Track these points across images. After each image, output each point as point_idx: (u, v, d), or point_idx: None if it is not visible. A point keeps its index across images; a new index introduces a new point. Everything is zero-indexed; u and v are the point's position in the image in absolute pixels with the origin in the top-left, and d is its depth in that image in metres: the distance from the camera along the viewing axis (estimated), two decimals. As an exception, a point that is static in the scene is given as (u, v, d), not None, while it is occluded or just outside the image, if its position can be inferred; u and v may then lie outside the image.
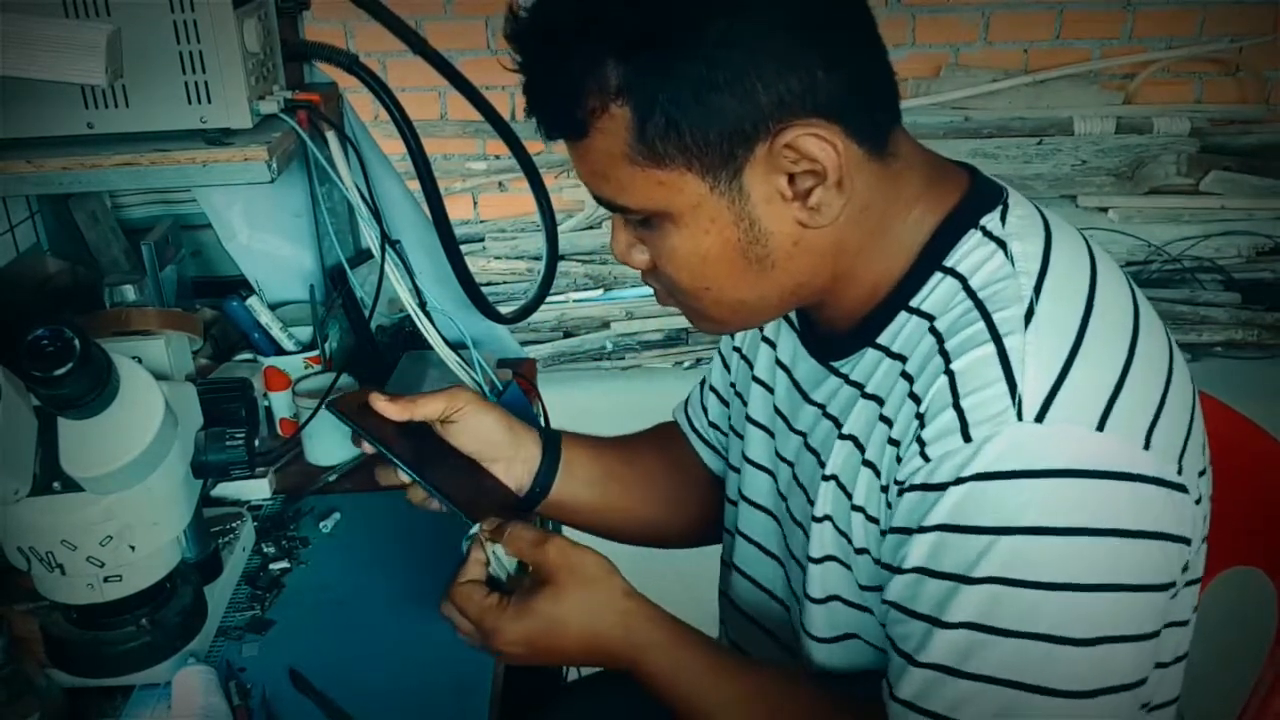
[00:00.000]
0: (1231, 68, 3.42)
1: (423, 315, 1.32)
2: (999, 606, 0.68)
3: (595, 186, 0.76)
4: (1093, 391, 0.69)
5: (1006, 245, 0.75)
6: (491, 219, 3.45)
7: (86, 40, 0.90)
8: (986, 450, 0.67)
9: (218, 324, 1.47)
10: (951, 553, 0.69)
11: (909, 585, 0.72)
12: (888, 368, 0.77)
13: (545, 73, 0.73)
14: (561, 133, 0.75)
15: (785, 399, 0.92)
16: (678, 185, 0.72)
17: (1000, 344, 0.70)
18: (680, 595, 2.40)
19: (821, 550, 0.83)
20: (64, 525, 0.87)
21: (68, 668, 0.95)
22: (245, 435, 0.99)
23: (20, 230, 1.42)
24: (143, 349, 1.21)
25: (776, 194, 0.73)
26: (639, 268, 0.81)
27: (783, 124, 0.70)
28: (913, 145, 0.79)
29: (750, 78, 0.68)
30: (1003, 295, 0.72)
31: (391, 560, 1.16)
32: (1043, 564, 0.67)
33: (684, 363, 3.32)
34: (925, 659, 0.71)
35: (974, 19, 3.33)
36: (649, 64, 0.68)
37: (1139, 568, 0.69)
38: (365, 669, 1.00)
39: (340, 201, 1.46)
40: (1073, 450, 0.67)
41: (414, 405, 0.96)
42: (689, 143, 0.70)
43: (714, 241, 0.74)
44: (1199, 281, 3.35)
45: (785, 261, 0.76)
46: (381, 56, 3.05)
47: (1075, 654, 0.68)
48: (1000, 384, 0.69)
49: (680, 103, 0.68)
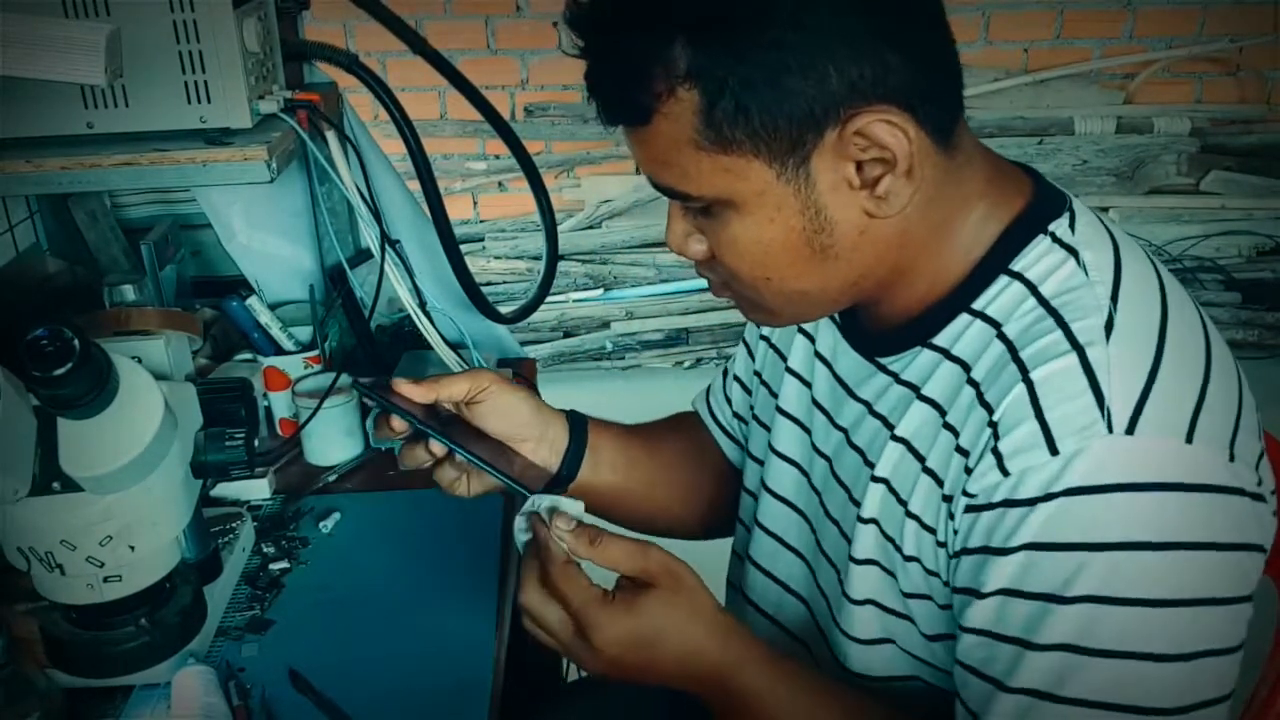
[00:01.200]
0: (1232, 68, 3.42)
1: (423, 315, 1.32)
2: (1096, 626, 0.66)
3: (656, 174, 0.74)
4: (1178, 402, 0.68)
5: (1078, 253, 0.73)
6: (491, 219, 3.45)
7: (86, 40, 0.90)
8: (1077, 464, 0.66)
9: (218, 324, 1.47)
10: (1042, 572, 0.67)
11: (995, 608, 0.70)
12: (948, 372, 0.76)
13: (610, 57, 0.71)
14: (626, 118, 0.73)
15: (827, 393, 0.90)
16: (743, 171, 0.70)
17: (1083, 354, 0.68)
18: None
19: (865, 553, 0.81)
20: (64, 525, 0.87)
21: (68, 668, 0.95)
22: (245, 435, 0.99)
23: (20, 230, 1.42)
24: (143, 349, 1.21)
25: (844, 182, 0.71)
26: (695, 258, 0.79)
27: (854, 109, 0.68)
28: (975, 140, 0.77)
29: (822, 61, 0.66)
30: (1079, 304, 0.71)
31: (391, 560, 1.16)
32: (1139, 580, 0.65)
33: (684, 363, 3.32)
34: (1017, 684, 0.69)
35: (974, 19, 3.33)
36: (719, 46, 0.66)
37: (1230, 580, 0.68)
38: (365, 669, 1.00)
39: (340, 201, 1.46)
40: (1165, 463, 0.66)
41: (438, 385, 0.92)
42: (757, 127, 0.68)
43: (778, 230, 0.72)
44: (1199, 281, 3.35)
45: (850, 252, 0.74)
46: (381, 56, 3.05)
47: (1171, 670, 0.67)
48: (1087, 395, 0.67)
49: (751, 86, 0.67)
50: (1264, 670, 0.93)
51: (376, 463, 1.35)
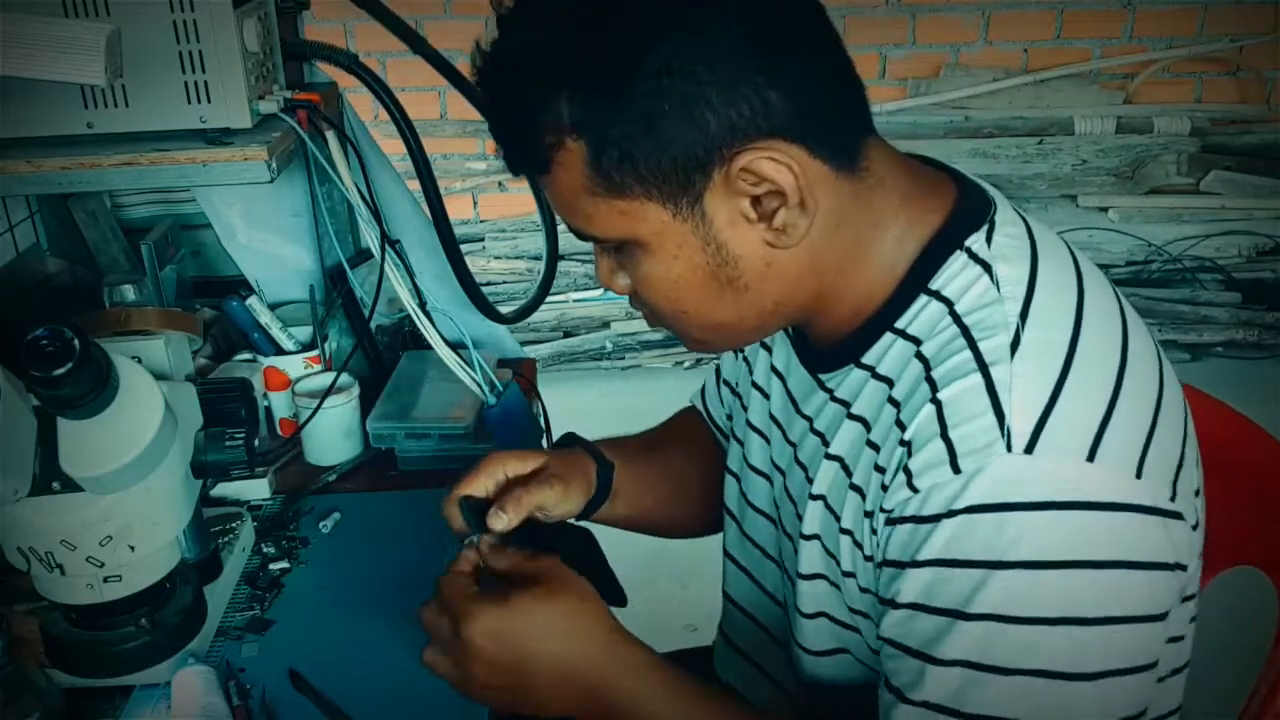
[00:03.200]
0: (1232, 67, 3.42)
1: (423, 315, 1.32)
2: (995, 643, 0.67)
3: (565, 218, 0.77)
4: (1082, 421, 0.68)
5: (992, 269, 0.74)
6: (491, 219, 3.45)
7: (86, 40, 0.90)
8: (976, 483, 0.67)
9: (218, 324, 1.47)
10: (946, 588, 0.68)
11: (903, 621, 0.71)
12: (874, 390, 0.77)
13: (503, 113, 0.74)
14: (526, 169, 0.76)
15: (780, 407, 0.92)
16: (640, 214, 0.72)
17: (987, 374, 0.69)
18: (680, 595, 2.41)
19: (810, 568, 0.83)
20: (64, 525, 0.87)
21: (68, 668, 0.95)
22: (245, 435, 0.99)
23: (20, 230, 1.41)
24: (143, 349, 1.21)
25: (740, 217, 0.72)
26: (622, 293, 0.81)
27: (736, 148, 0.69)
28: (889, 156, 0.77)
29: (699, 105, 0.68)
30: (988, 322, 0.71)
31: (391, 560, 1.16)
32: (1038, 599, 0.66)
33: (684, 363, 3.32)
34: (917, 697, 0.70)
35: (974, 19, 3.33)
36: (596, 98, 0.69)
37: (1136, 599, 0.68)
38: (365, 669, 1.00)
39: (340, 201, 1.46)
40: (1064, 481, 0.66)
41: (520, 509, 0.92)
42: (644, 173, 0.70)
43: (684, 266, 0.74)
44: (1199, 281, 3.35)
45: (759, 283, 0.75)
46: (381, 56, 3.05)
47: (1074, 689, 0.67)
48: (988, 415, 0.68)
49: (631, 134, 0.69)
50: (1264, 670, 0.93)
51: (376, 463, 1.35)
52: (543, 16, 0.70)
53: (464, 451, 1.31)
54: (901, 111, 3.37)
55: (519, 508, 0.91)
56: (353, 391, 1.34)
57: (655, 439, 1.14)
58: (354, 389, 1.35)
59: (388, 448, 1.34)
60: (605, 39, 0.68)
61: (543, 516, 0.95)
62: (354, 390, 1.35)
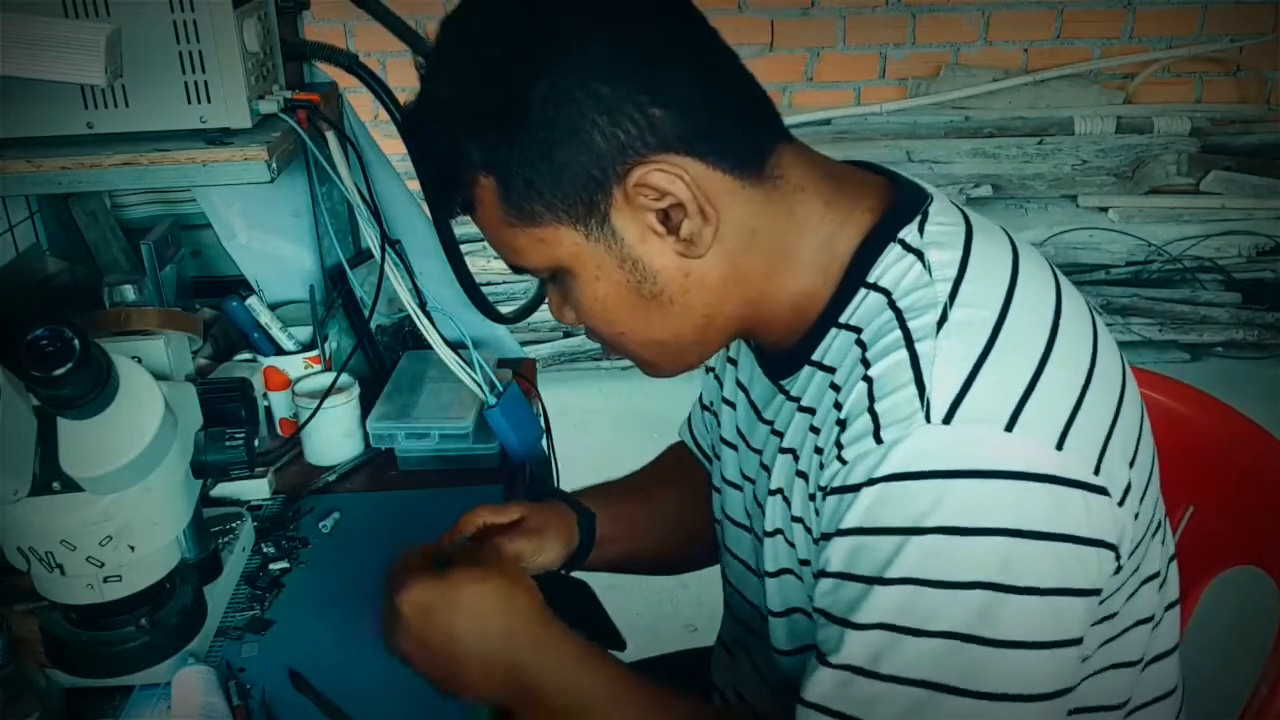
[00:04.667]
0: (1232, 67, 3.42)
1: (423, 315, 1.32)
2: (911, 607, 0.68)
3: (499, 253, 0.80)
4: (1002, 393, 0.69)
5: (924, 255, 0.76)
6: (491, 219, 3.45)
7: (86, 40, 0.90)
8: (895, 452, 0.68)
9: (218, 324, 1.47)
10: (866, 555, 0.70)
11: (830, 590, 0.72)
12: (820, 380, 0.79)
13: (422, 162, 0.80)
14: (454, 209, 0.79)
15: (744, 419, 0.93)
16: (556, 239, 0.76)
17: (912, 349, 0.71)
18: (680, 595, 2.41)
19: (776, 564, 0.84)
20: (63, 525, 0.87)
21: (68, 668, 0.95)
22: (245, 435, 0.99)
23: (20, 230, 1.42)
24: (143, 349, 1.21)
25: (649, 231, 0.75)
26: (572, 324, 0.84)
27: (628, 165, 0.72)
28: (807, 161, 0.79)
29: (584, 128, 0.71)
30: (919, 304, 0.73)
31: (391, 560, 1.16)
32: (953, 564, 0.67)
33: (684, 363, 3.32)
34: (837, 660, 0.71)
35: (974, 19, 3.34)
36: (494, 136, 0.73)
37: (1050, 571, 0.68)
38: (365, 669, 1.00)
39: (340, 201, 1.46)
40: (979, 451, 0.67)
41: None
42: (550, 199, 0.74)
43: (607, 286, 0.77)
44: (1199, 281, 3.35)
45: (682, 295, 0.78)
46: (381, 56, 3.05)
47: (985, 654, 0.68)
48: (910, 387, 0.69)
49: (530, 164, 0.73)
50: (1264, 670, 0.93)
51: (376, 463, 1.35)
52: (445, 69, 0.76)
53: (464, 451, 1.31)
54: (901, 111, 3.37)
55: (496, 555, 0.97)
56: (353, 391, 1.34)
57: (640, 480, 1.17)
58: (354, 389, 1.35)
59: (388, 448, 1.34)
60: (496, 80, 0.73)
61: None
62: (354, 390, 1.35)
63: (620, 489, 1.13)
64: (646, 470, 1.19)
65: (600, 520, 1.06)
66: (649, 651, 1.24)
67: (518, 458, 1.32)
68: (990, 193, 3.32)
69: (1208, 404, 1.10)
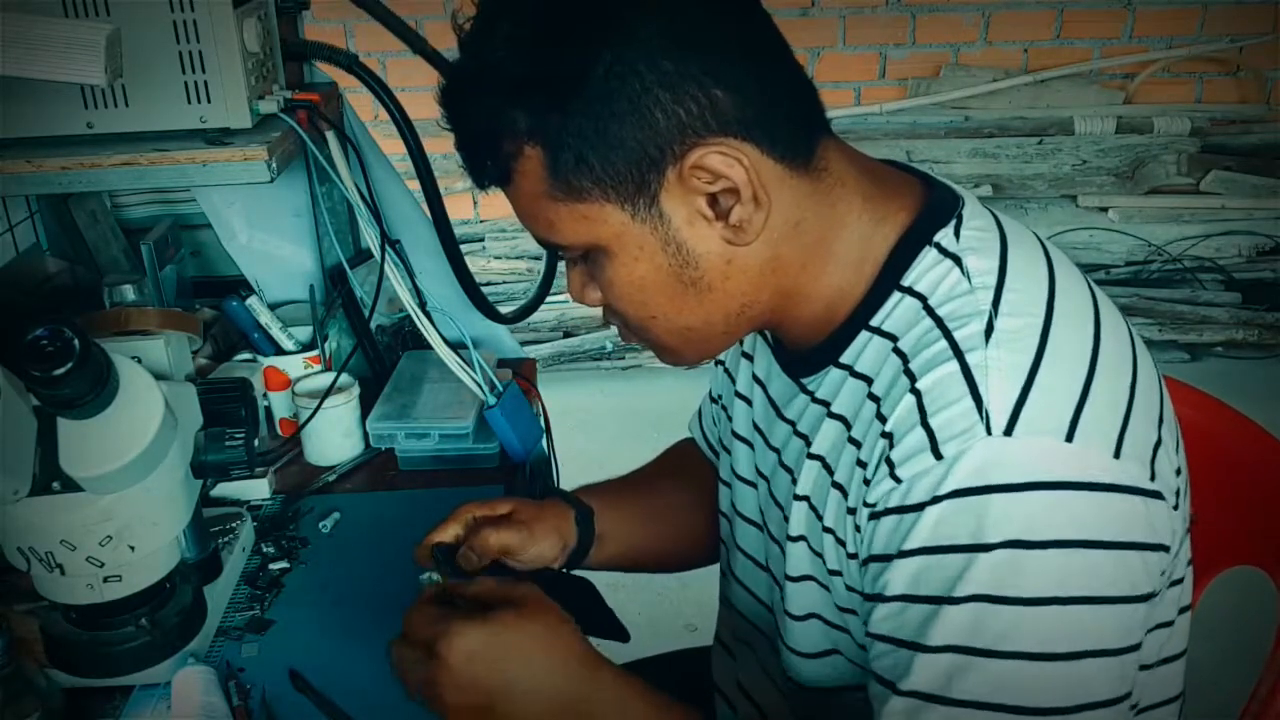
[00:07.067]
0: (1232, 67, 3.42)
1: (423, 315, 1.32)
2: (982, 626, 0.67)
3: (531, 228, 0.78)
4: (1058, 401, 0.68)
5: (961, 261, 0.75)
6: (491, 219, 3.45)
7: (86, 40, 0.90)
8: (958, 467, 0.67)
9: (218, 324, 1.47)
10: (933, 574, 0.68)
11: (894, 614, 0.71)
12: (853, 388, 0.77)
13: (467, 127, 0.76)
14: (490, 181, 0.77)
15: (762, 414, 0.92)
16: (600, 217, 0.74)
17: (963, 360, 0.70)
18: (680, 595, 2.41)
19: (799, 570, 0.83)
20: (64, 525, 0.87)
21: (68, 668, 0.95)
22: (245, 435, 0.99)
23: (20, 230, 1.42)
24: (142, 349, 1.21)
25: (698, 215, 0.74)
26: (594, 305, 0.82)
27: (687, 145, 0.71)
28: (849, 158, 0.79)
29: (646, 104, 0.70)
30: (961, 312, 0.72)
31: (391, 560, 1.16)
32: (1024, 579, 0.66)
33: (684, 363, 3.32)
34: (908, 687, 0.70)
35: (974, 19, 3.33)
36: (546, 105, 0.71)
37: (1118, 579, 0.68)
38: (365, 669, 1.00)
39: (340, 201, 1.46)
40: (1044, 462, 0.67)
41: (487, 548, 0.98)
42: (600, 175, 0.72)
43: (646, 268, 0.76)
44: (1199, 281, 3.35)
45: (722, 282, 0.76)
46: (381, 56, 3.05)
47: (1056, 670, 0.67)
48: (966, 400, 0.68)
49: (584, 137, 0.71)
50: (1264, 669, 0.93)
51: (376, 463, 1.35)
52: (493, 33, 0.72)
53: (464, 451, 1.31)
54: (901, 111, 3.37)
55: (485, 546, 0.96)
56: (353, 391, 1.34)
57: (643, 476, 1.16)
58: (354, 389, 1.35)
59: (388, 448, 1.34)
60: (552, 47, 0.70)
61: (513, 563, 0.98)
62: (354, 390, 1.35)
63: (620, 485, 1.13)
64: (649, 466, 1.18)
65: (599, 515, 1.06)
66: (649, 651, 1.24)
67: (518, 458, 1.32)
68: (990, 193, 3.32)
69: (1208, 404, 1.10)
